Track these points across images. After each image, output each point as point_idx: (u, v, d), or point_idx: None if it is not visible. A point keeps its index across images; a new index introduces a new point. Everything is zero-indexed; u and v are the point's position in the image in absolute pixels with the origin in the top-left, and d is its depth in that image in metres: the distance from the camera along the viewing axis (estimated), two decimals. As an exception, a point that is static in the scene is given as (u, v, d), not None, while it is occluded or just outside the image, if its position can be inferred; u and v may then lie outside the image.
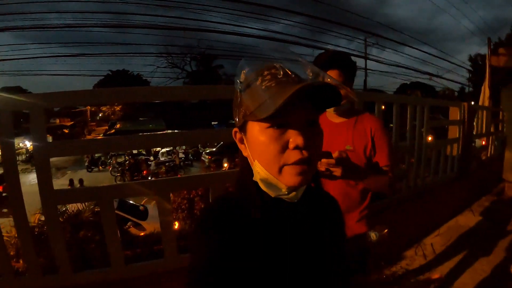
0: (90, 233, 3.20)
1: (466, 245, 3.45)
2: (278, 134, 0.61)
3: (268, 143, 0.62)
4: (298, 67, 0.63)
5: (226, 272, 0.61)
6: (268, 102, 0.57)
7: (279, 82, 0.59)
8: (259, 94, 0.60)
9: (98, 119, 37.21)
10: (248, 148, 0.68)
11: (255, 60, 0.67)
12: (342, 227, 0.84)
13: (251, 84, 0.63)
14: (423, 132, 3.60)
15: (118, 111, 35.17)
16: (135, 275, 1.81)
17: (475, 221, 4.15)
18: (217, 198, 0.73)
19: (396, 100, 3.24)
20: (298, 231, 0.70)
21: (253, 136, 0.65)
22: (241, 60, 0.67)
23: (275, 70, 0.61)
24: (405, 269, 3.02)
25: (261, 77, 0.62)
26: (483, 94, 7.04)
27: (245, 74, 0.65)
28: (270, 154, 0.62)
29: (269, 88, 0.59)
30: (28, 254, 1.66)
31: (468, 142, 4.65)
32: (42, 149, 1.62)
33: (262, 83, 0.60)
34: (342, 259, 0.81)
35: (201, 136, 2.13)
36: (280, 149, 0.61)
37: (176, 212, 7.00)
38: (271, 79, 0.60)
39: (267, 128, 0.62)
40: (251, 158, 0.68)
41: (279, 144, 0.61)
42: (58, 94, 1.69)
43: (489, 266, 2.94)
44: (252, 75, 0.63)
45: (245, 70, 0.65)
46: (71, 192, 1.84)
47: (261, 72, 0.62)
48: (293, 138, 0.61)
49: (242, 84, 0.65)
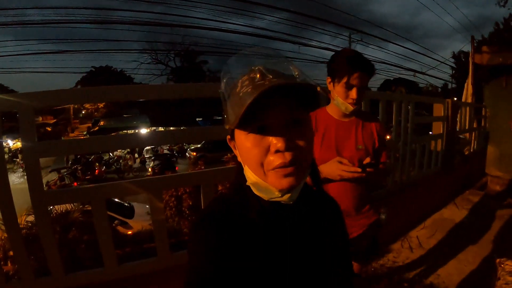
0: (80, 233, 3.16)
1: (451, 237, 3.55)
2: (259, 139, 0.61)
3: (251, 149, 0.62)
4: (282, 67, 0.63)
5: (225, 273, 0.61)
6: (238, 109, 0.56)
7: (255, 86, 0.58)
8: (237, 101, 0.59)
9: (81, 116, 36.52)
10: (238, 153, 0.69)
11: (236, 64, 0.66)
12: (342, 227, 0.84)
13: (232, 92, 0.62)
14: (408, 127, 3.67)
15: (101, 108, 34.62)
16: (129, 275, 1.80)
17: (459, 214, 4.26)
18: (215, 200, 0.73)
19: (382, 96, 3.29)
20: (297, 232, 0.70)
21: (240, 142, 0.65)
22: (223, 67, 0.67)
23: (253, 74, 0.60)
24: (392, 261, 3.08)
25: (240, 82, 0.61)
26: (466, 90, 7.20)
27: (225, 83, 0.65)
28: (254, 159, 0.62)
29: (246, 93, 0.58)
30: (20, 257, 1.62)
31: (451, 137, 4.76)
32: (32, 149, 1.59)
33: (240, 90, 0.60)
34: (342, 260, 0.81)
35: (186, 135, 2.12)
36: (262, 154, 0.61)
37: (164, 210, 6.95)
38: (249, 84, 0.59)
39: (248, 134, 0.61)
40: (242, 164, 0.69)
41: (261, 148, 0.61)
42: (49, 93, 1.65)
43: (474, 257, 3.03)
44: (232, 82, 0.63)
45: (225, 78, 0.65)
46: (62, 193, 1.81)
47: (241, 78, 0.62)
48: (274, 141, 0.60)
49: (224, 93, 0.65)
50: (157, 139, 2.17)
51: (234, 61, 0.67)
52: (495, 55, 6.08)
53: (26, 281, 1.63)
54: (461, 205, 4.55)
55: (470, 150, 6.21)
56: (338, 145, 1.51)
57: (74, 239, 3.04)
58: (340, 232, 0.83)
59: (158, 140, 2.41)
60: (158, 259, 1.86)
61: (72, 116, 35.30)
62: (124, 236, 5.88)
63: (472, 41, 7.67)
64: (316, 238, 0.73)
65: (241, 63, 0.66)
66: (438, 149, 4.61)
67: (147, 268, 1.85)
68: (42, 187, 1.62)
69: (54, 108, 33.25)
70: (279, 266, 0.66)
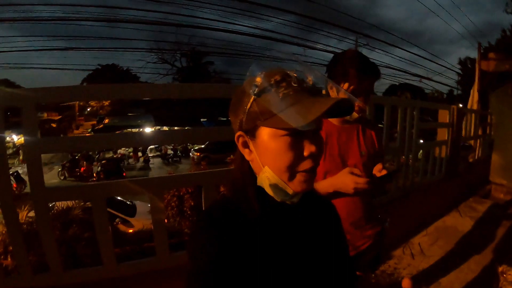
0: (80, 231, 3.16)
1: (453, 245, 3.51)
2: (293, 142, 0.62)
3: (283, 150, 0.63)
4: (312, 74, 0.65)
5: (226, 275, 0.60)
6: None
7: (296, 90, 0.61)
8: (278, 101, 0.60)
9: (86, 113, 36.71)
10: (256, 153, 0.67)
11: (266, 65, 0.67)
12: (340, 228, 0.85)
13: (267, 90, 0.62)
14: (413, 133, 3.65)
15: (106, 106, 34.80)
16: (127, 273, 1.80)
17: (462, 221, 4.22)
18: (216, 202, 0.73)
19: (387, 102, 3.28)
20: (298, 233, 0.70)
21: (265, 142, 0.64)
22: (252, 63, 0.66)
23: (288, 77, 0.62)
24: (393, 267, 3.06)
25: (276, 83, 0.62)
26: (472, 97, 7.17)
27: (261, 79, 0.63)
28: (284, 161, 0.63)
29: (287, 96, 0.60)
30: (19, 253, 1.63)
31: (456, 144, 4.73)
32: (34, 144, 1.59)
33: (278, 90, 0.61)
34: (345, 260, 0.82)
35: (189, 135, 2.11)
36: (295, 157, 0.63)
37: (166, 210, 6.96)
38: (287, 86, 0.61)
39: (282, 136, 0.62)
40: (259, 163, 0.67)
41: (294, 151, 0.63)
42: (52, 89, 1.65)
43: (476, 266, 2.99)
44: (267, 80, 0.63)
45: (259, 74, 0.64)
46: (62, 190, 1.81)
47: (275, 78, 0.62)
48: (307, 146, 0.63)
49: (257, 88, 0.63)
50: (160, 138, 2.17)
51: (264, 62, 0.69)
52: (501, 62, 6.04)
53: (24, 276, 1.63)
54: (465, 213, 4.51)
55: (474, 157, 6.16)
56: (342, 153, 1.43)
57: (74, 236, 3.04)
58: (339, 232, 0.84)
59: (161, 139, 2.41)
60: (157, 258, 1.85)
61: (77, 113, 35.51)
62: (125, 235, 5.89)
63: (479, 48, 7.63)
64: (317, 239, 0.73)
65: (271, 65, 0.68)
66: (443, 155, 4.58)
67: (145, 268, 1.85)
68: (43, 183, 1.62)
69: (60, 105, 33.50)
70: (280, 267, 0.66)
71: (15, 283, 1.65)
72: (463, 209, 4.64)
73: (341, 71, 1.35)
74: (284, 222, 0.69)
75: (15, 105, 1.58)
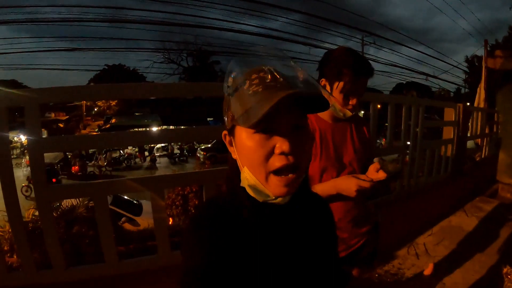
0: (84, 228, 3.19)
1: (458, 245, 3.48)
2: (264, 140, 0.61)
3: (254, 148, 0.62)
4: (289, 69, 0.63)
5: (221, 274, 0.60)
6: (253, 109, 0.56)
7: (266, 87, 0.58)
8: (246, 99, 0.59)
9: (93, 113, 37.02)
10: (236, 152, 0.68)
11: (245, 62, 0.66)
12: (333, 227, 0.84)
13: (239, 88, 0.62)
14: (417, 132, 3.62)
15: (113, 106, 35.09)
16: (129, 271, 1.81)
17: (468, 221, 4.18)
18: (210, 199, 0.73)
19: (391, 100, 3.25)
20: (290, 232, 0.70)
21: (241, 141, 0.64)
22: (230, 62, 0.66)
23: (263, 73, 0.60)
24: (397, 268, 3.04)
25: (249, 80, 0.61)
26: (478, 95, 7.08)
27: (233, 78, 0.64)
28: (256, 160, 0.62)
29: (256, 93, 0.58)
30: (22, 250, 1.65)
31: (462, 142, 4.68)
32: (37, 144, 1.61)
33: (249, 88, 0.60)
34: (335, 259, 0.82)
35: (195, 133, 2.11)
36: (266, 155, 0.61)
37: (170, 209, 7.00)
38: (259, 83, 0.59)
39: (253, 134, 0.61)
40: (240, 163, 0.68)
41: (265, 149, 0.61)
42: (55, 90, 1.67)
43: (481, 267, 2.96)
44: (241, 78, 0.62)
45: (233, 73, 0.64)
46: (65, 188, 1.83)
47: (249, 76, 0.61)
48: (279, 143, 0.60)
49: (230, 88, 0.64)
50: (165, 137, 2.18)
51: (242, 58, 0.68)
52: (508, 59, 5.96)
53: (28, 273, 1.66)
54: (471, 212, 4.46)
55: (481, 156, 6.10)
56: (337, 151, 1.42)
57: (78, 234, 3.08)
58: (332, 232, 0.84)
59: (166, 138, 2.41)
60: (159, 256, 1.86)
61: (84, 113, 35.82)
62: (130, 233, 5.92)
63: (486, 45, 7.55)
64: (308, 238, 0.73)
65: (249, 61, 0.66)
66: (448, 154, 4.53)
67: (147, 265, 1.86)
68: (45, 181, 1.64)
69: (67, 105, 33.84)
70: (273, 265, 0.66)
71: (19, 279, 1.68)
72: (469, 209, 4.59)
73: (335, 70, 1.32)
74: (275, 221, 0.68)
75: (18, 105, 1.60)
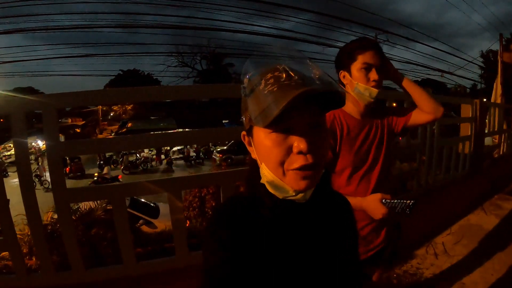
0: (102, 231, 3.24)
1: (478, 244, 3.40)
2: (281, 139, 0.61)
3: (272, 148, 0.62)
4: (304, 67, 0.63)
5: (242, 272, 0.61)
6: (268, 109, 0.57)
7: (281, 86, 0.58)
8: (262, 99, 0.59)
9: (109, 118, 37.62)
10: (255, 151, 0.69)
11: (260, 62, 0.66)
12: (353, 226, 0.83)
13: (255, 89, 0.62)
14: (434, 130, 3.56)
15: (129, 110, 35.61)
16: (147, 272, 1.83)
17: (487, 219, 4.08)
18: (229, 198, 0.73)
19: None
20: (310, 230, 0.70)
21: (259, 140, 0.65)
22: (246, 62, 0.67)
23: (278, 72, 0.60)
24: (416, 267, 2.99)
25: (264, 80, 0.61)
26: (495, 91, 6.92)
27: (248, 78, 0.64)
28: (274, 159, 0.62)
29: (271, 92, 0.58)
30: (41, 252, 1.69)
31: (480, 139, 4.58)
32: (55, 148, 1.65)
33: (265, 87, 0.60)
34: (354, 258, 0.81)
35: (210, 135, 2.11)
36: (284, 154, 0.61)
37: (188, 210, 7.04)
38: (274, 82, 0.59)
39: (270, 133, 0.62)
40: (258, 161, 0.69)
41: (282, 148, 0.61)
42: (70, 95, 1.71)
43: (501, 266, 2.89)
44: (256, 79, 0.63)
45: (249, 74, 0.65)
46: (83, 191, 1.86)
47: (264, 76, 0.62)
48: (296, 142, 0.61)
49: (246, 89, 0.65)
50: (181, 138, 2.18)
51: (257, 59, 0.68)
52: (525, 53, 5.81)
53: (47, 275, 1.69)
54: (489, 211, 4.36)
55: (499, 153, 5.95)
56: (366, 147, 1.44)
57: (97, 236, 3.13)
58: (352, 231, 0.83)
59: (183, 139, 2.41)
60: (177, 258, 1.88)
61: (100, 118, 36.43)
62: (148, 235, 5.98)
63: (501, 39, 7.38)
64: (329, 237, 0.73)
65: (264, 61, 0.66)
66: (466, 151, 4.44)
67: (165, 266, 1.87)
68: (64, 184, 1.67)
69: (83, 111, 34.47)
70: (292, 264, 0.66)
71: (38, 280, 1.71)
72: (488, 207, 4.49)
73: (346, 54, 1.42)
74: (295, 219, 0.68)
75: (36, 110, 1.64)
